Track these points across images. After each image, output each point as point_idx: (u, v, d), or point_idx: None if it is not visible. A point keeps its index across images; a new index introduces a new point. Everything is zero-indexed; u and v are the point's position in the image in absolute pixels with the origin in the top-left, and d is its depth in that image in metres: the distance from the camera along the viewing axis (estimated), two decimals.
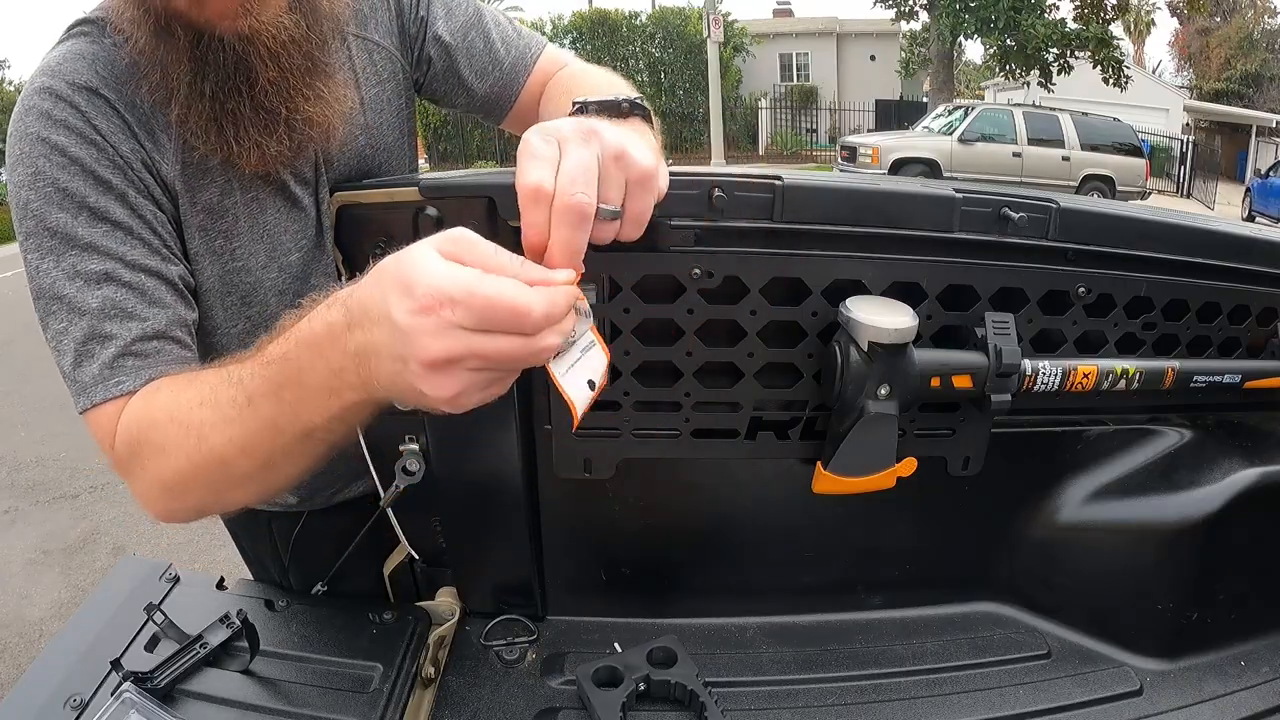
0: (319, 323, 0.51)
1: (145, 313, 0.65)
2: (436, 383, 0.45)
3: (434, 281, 0.44)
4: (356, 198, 0.75)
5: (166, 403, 0.62)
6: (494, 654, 0.80)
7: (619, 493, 0.82)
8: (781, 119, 20.03)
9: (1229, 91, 24.76)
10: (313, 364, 0.52)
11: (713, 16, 12.64)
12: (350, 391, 0.51)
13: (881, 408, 0.70)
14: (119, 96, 0.66)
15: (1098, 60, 14.22)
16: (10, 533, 3.15)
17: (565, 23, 18.15)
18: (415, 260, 0.45)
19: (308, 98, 0.68)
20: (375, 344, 0.47)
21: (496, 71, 0.89)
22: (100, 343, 0.63)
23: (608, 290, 0.73)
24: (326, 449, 0.59)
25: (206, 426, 0.59)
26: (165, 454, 0.61)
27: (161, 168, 0.68)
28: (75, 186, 0.63)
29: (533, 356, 0.46)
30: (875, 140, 11.91)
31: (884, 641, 0.84)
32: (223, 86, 0.65)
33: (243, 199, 0.73)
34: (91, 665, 0.69)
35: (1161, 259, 0.79)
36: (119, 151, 0.65)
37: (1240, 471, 0.81)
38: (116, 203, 0.65)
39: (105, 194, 0.64)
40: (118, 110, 0.65)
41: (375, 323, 0.46)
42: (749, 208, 0.70)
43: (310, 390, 0.52)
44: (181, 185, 0.69)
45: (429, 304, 0.43)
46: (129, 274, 0.64)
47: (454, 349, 0.44)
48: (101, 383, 0.63)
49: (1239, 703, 0.78)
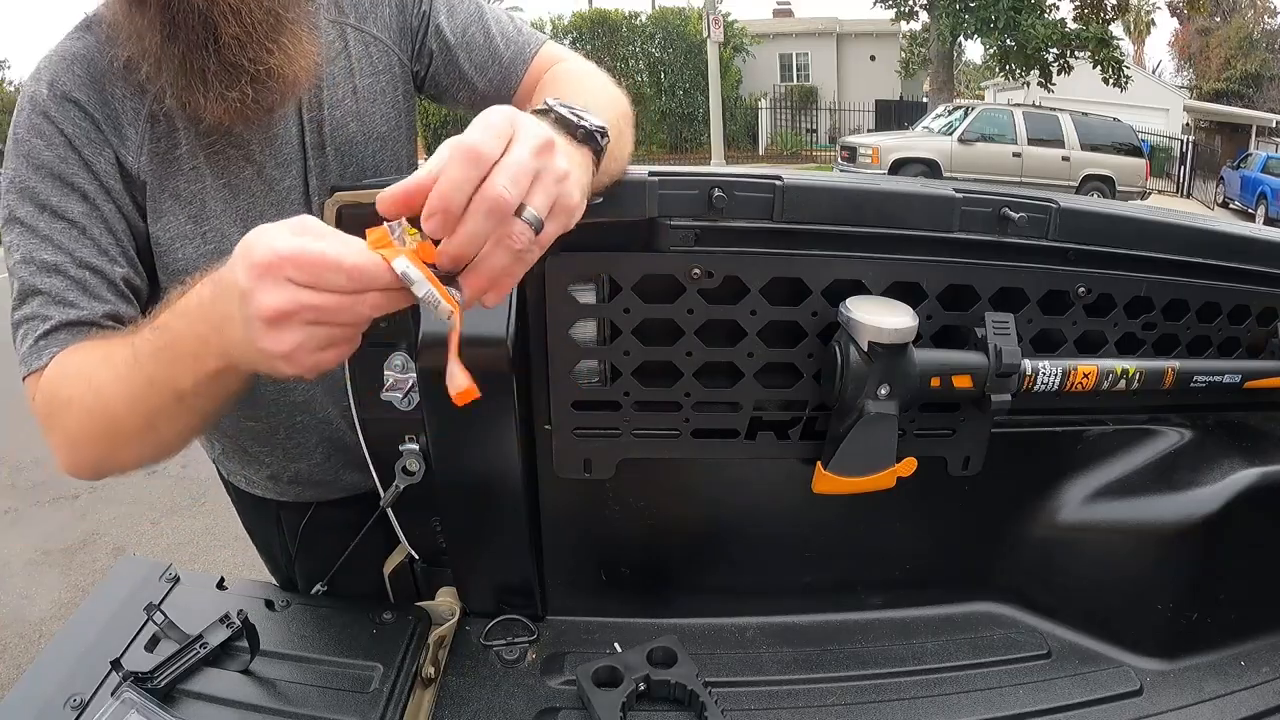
0: (193, 295, 0.57)
1: (82, 303, 0.72)
2: (274, 338, 0.49)
3: (270, 243, 0.48)
4: (356, 198, 0.75)
5: (77, 360, 0.69)
6: (494, 654, 0.80)
7: (619, 493, 0.82)
8: (781, 119, 20.03)
9: (1229, 91, 24.76)
10: (184, 332, 0.58)
11: (713, 16, 12.64)
12: (212, 359, 0.56)
13: (881, 408, 0.70)
14: (92, 97, 0.73)
15: (1098, 60, 14.22)
16: (10, 533, 3.15)
17: (565, 23, 18.14)
18: (260, 232, 0.50)
19: (270, 51, 0.71)
20: (230, 312, 0.51)
21: (495, 65, 0.90)
22: (40, 321, 0.71)
23: (608, 290, 0.73)
24: (200, 418, 0.66)
25: (102, 381, 0.65)
26: (69, 407, 0.68)
27: (127, 160, 0.75)
28: (41, 188, 0.72)
29: (353, 310, 0.49)
30: (875, 140, 11.91)
31: (884, 641, 0.84)
32: (191, 46, 0.69)
33: (214, 184, 0.78)
34: (91, 665, 0.69)
35: (1161, 259, 0.79)
36: (82, 156, 0.73)
37: (1240, 471, 0.81)
38: (77, 203, 0.73)
39: (67, 195, 0.72)
40: (88, 113, 0.73)
41: (228, 290, 0.51)
42: (749, 208, 0.70)
43: (181, 355, 0.58)
44: (149, 174, 0.75)
45: (265, 264, 0.48)
46: (75, 270, 0.72)
47: (284, 302, 0.48)
48: (35, 354, 0.71)
49: (1239, 703, 0.78)
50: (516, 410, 0.74)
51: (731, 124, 17.53)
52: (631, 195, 0.69)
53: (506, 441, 0.76)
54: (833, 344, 0.71)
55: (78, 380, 0.68)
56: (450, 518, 0.82)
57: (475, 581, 0.85)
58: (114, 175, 0.74)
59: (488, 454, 0.77)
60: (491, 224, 0.48)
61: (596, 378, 0.77)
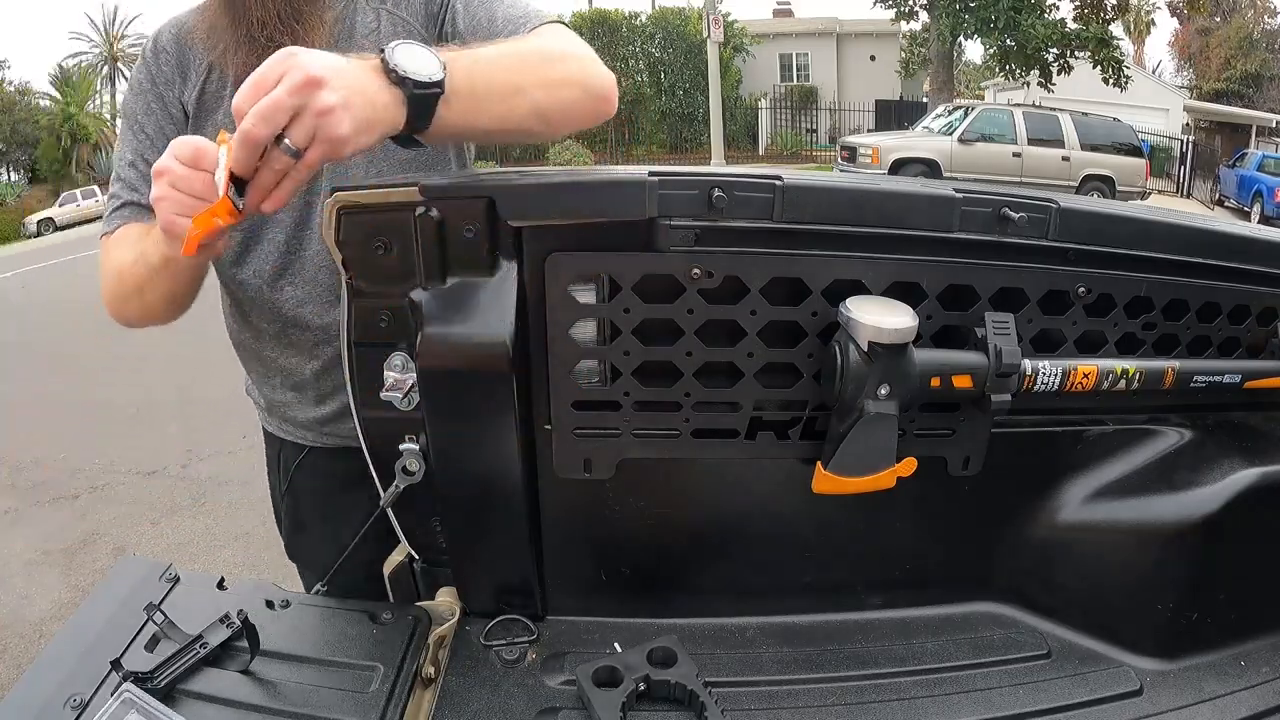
0: None
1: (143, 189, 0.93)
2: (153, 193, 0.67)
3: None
4: (357, 198, 0.75)
5: (125, 234, 0.95)
6: (494, 654, 0.80)
7: (619, 493, 0.82)
8: (781, 119, 20.03)
9: (1229, 91, 24.76)
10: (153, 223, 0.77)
11: (713, 16, 12.64)
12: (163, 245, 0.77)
13: (881, 408, 0.70)
14: (175, 49, 0.98)
15: (1098, 60, 14.22)
16: (10, 533, 3.16)
17: (565, 23, 18.12)
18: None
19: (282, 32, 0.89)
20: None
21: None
22: (115, 200, 0.98)
23: (608, 290, 0.73)
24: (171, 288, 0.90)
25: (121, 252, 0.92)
26: (107, 267, 0.94)
27: (184, 95, 0.98)
28: (134, 107, 0.99)
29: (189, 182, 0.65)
30: (875, 140, 11.92)
31: (883, 641, 0.84)
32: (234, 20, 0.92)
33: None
34: (91, 665, 0.69)
35: (1161, 259, 0.79)
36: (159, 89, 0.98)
37: (1240, 471, 0.80)
38: (151, 120, 0.98)
39: (148, 114, 0.98)
40: (171, 58, 0.98)
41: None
42: (749, 208, 0.70)
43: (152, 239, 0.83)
44: (194, 110, 0.99)
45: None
46: (143, 166, 0.96)
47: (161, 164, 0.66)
48: (108, 223, 0.97)
49: (1239, 703, 0.78)
50: (516, 410, 0.74)
51: (731, 124, 17.53)
52: (631, 195, 0.69)
53: (506, 441, 0.76)
54: (833, 344, 0.71)
55: (116, 248, 0.94)
56: (450, 518, 0.82)
57: (475, 581, 0.85)
58: (177, 105, 0.98)
59: (488, 454, 0.77)
60: (248, 151, 0.61)
61: (596, 378, 0.77)
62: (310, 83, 0.60)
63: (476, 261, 0.72)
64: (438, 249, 0.71)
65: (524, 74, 0.78)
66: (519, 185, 0.72)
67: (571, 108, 0.84)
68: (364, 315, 0.75)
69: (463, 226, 0.70)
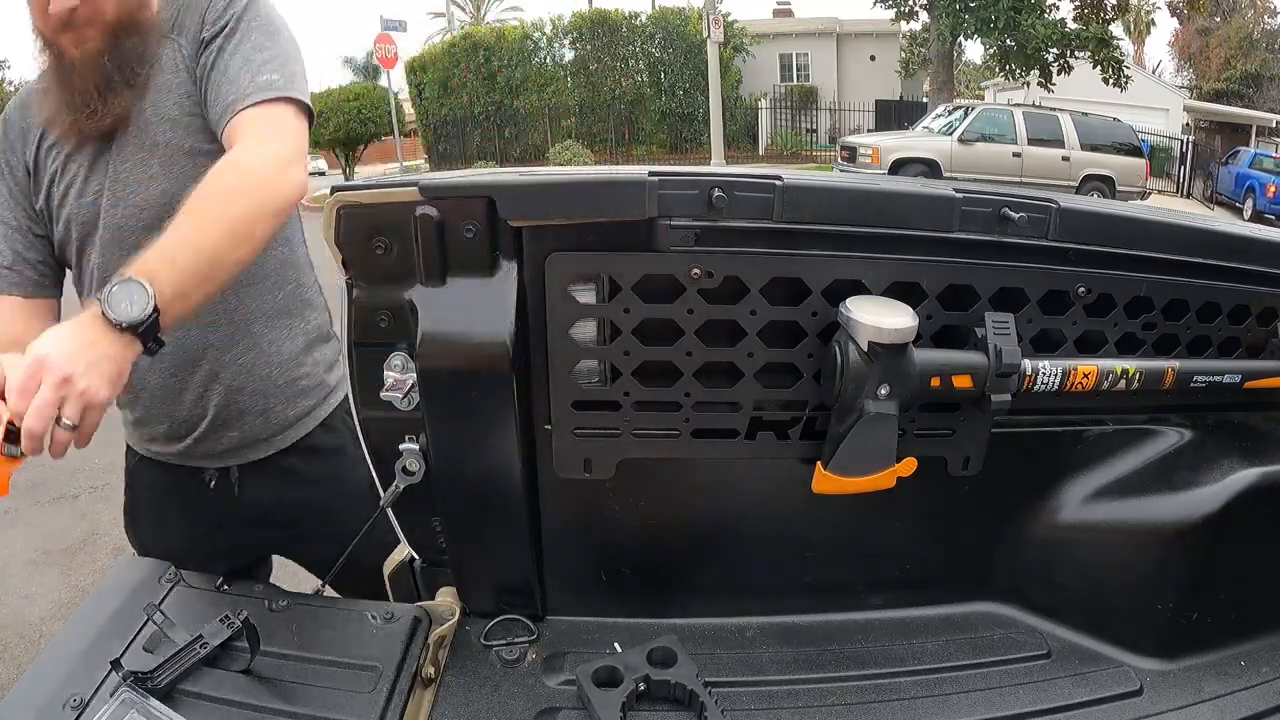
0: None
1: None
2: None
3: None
4: (356, 198, 0.75)
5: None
6: (494, 654, 0.80)
7: (619, 493, 0.82)
8: (781, 119, 20.01)
9: (1229, 91, 24.75)
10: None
11: (713, 16, 12.64)
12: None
13: (881, 408, 0.70)
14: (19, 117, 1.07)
15: (1098, 60, 14.21)
16: (10, 533, 3.15)
17: (565, 23, 18.15)
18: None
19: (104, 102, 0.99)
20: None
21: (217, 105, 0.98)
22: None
23: (608, 290, 0.73)
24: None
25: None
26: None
27: (26, 155, 1.06)
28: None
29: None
30: (875, 140, 11.90)
31: (884, 641, 0.84)
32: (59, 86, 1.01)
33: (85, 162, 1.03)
34: (91, 665, 0.69)
35: (1161, 259, 0.79)
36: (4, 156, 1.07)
37: (1240, 471, 0.80)
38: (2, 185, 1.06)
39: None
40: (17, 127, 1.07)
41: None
42: (749, 208, 0.70)
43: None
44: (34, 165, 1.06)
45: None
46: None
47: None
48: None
49: (1239, 703, 0.78)
50: (516, 410, 0.74)
51: (731, 124, 17.52)
52: (631, 195, 0.69)
53: (506, 441, 0.76)
54: (833, 344, 0.71)
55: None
56: (450, 518, 0.82)
57: (475, 581, 0.85)
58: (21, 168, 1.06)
59: (488, 454, 0.77)
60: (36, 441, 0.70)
61: (596, 378, 0.77)
62: (65, 379, 0.71)
63: (476, 261, 0.72)
64: (438, 249, 0.71)
65: (217, 240, 0.84)
66: (519, 185, 0.72)
67: (266, 231, 0.90)
68: (364, 315, 0.75)
69: (463, 226, 0.71)
